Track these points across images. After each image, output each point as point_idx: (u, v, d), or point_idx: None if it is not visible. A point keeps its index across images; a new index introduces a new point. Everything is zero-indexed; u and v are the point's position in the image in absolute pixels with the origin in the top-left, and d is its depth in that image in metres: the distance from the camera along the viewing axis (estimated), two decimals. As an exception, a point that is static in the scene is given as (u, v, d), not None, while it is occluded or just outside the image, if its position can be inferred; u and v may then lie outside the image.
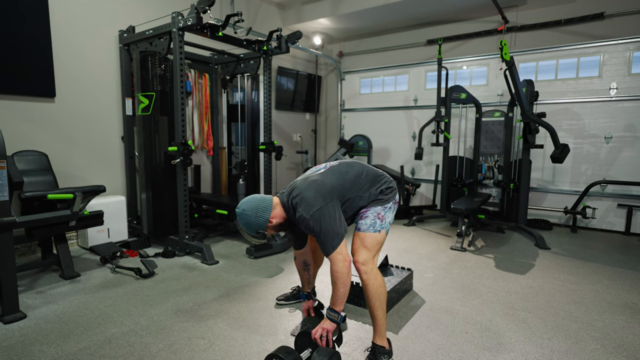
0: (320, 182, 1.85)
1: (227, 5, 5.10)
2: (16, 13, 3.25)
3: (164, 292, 2.74)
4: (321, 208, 1.76)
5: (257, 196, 1.93)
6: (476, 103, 5.03)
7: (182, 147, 3.36)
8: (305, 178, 1.93)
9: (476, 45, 5.58)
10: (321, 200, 1.78)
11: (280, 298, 2.61)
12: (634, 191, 4.55)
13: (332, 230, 1.75)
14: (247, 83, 4.71)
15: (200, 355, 1.95)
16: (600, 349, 2.07)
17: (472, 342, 2.12)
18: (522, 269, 3.30)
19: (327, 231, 1.75)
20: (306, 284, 2.37)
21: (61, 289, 2.76)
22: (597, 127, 4.72)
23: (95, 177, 3.91)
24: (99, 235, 3.67)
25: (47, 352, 1.97)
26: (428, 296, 2.72)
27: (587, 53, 4.74)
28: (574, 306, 2.59)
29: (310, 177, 1.91)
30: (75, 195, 2.79)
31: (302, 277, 2.37)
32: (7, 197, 2.23)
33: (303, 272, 2.35)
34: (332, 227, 1.76)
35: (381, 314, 1.89)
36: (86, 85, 3.81)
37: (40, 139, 3.51)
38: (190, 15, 3.21)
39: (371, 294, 1.87)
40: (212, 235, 4.27)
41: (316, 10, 5.73)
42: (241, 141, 4.90)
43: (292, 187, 1.92)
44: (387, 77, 6.44)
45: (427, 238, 4.32)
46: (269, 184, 4.52)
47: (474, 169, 5.15)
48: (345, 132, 6.88)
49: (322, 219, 1.75)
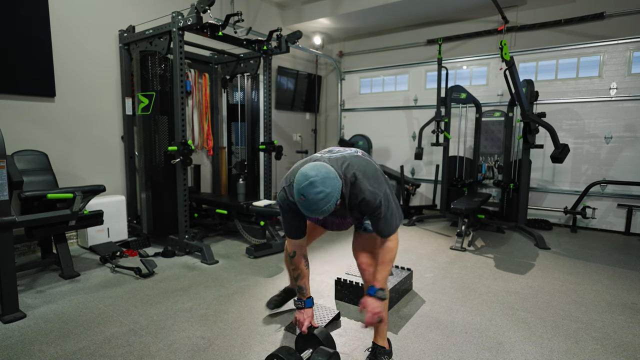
0: (372, 162, 1.79)
1: (227, 5, 5.10)
2: (16, 13, 3.25)
3: (164, 291, 2.74)
4: (387, 187, 1.72)
5: (324, 166, 1.56)
6: (476, 103, 5.03)
7: (182, 147, 3.36)
8: (354, 155, 1.74)
9: (476, 45, 5.58)
10: (383, 179, 1.74)
11: (271, 304, 2.35)
12: (634, 191, 4.55)
13: (398, 209, 1.74)
14: (247, 83, 4.71)
15: (200, 355, 1.95)
16: (600, 349, 2.07)
17: (472, 342, 2.12)
18: (522, 269, 3.30)
19: (394, 210, 1.71)
20: (309, 286, 1.96)
21: (61, 289, 2.76)
22: (597, 127, 4.72)
23: (95, 176, 3.91)
24: (98, 234, 3.67)
25: (47, 351, 1.97)
26: (428, 296, 2.72)
27: (587, 53, 4.74)
28: (573, 306, 2.59)
29: (358, 155, 1.76)
30: (75, 195, 2.79)
31: (304, 276, 1.91)
32: (6, 196, 2.23)
33: (305, 270, 1.91)
34: (398, 206, 1.75)
35: (384, 314, 1.81)
36: (86, 85, 3.81)
37: (40, 139, 3.51)
38: (190, 15, 3.21)
39: None
40: (212, 235, 4.27)
41: (316, 10, 5.73)
42: (241, 141, 4.90)
43: (342, 162, 1.67)
44: (387, 77, 6.43)
45: (427, 238, 4.32)
46: (269, 184, 4.53)
47: (474, 168, 5.15)
48: (345, 132, 6.88)
49: (392, 197, 1.72)
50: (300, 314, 1.90)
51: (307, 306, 1.90)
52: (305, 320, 1.87)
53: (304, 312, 1.89)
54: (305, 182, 1.49)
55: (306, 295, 1.92)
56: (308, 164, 1.61)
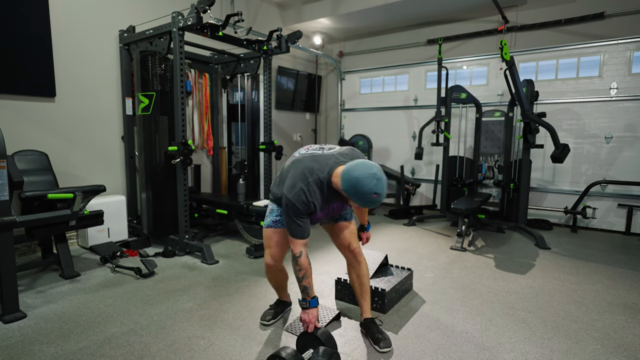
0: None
1: (227, 5, 5.10)
2: (17, 13, 3.25)
3: (164, 291, 2.74)
4: None
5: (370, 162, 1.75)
6: (476, 103, 5.03)
7: (182, 147, 3.36)
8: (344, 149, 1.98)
9: (476, 45, 5.58)
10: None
11: (267, 318, 2.28)
12: (634, 191, 4.55)
13: None
14: (247, 83, 4.71)
15: (200, 355, 1.95)
16: (600, 349, 2.07)
17: (472, 342, 2.12)
18: (522, 269, 3.30)
19: None
20: (313, 285, 1.95)
21: (61, 289, 2.76)
22: (598, 127, 4.72)
23: (96, 176, 3.91)
24: (99, 234, 3.67)
25: (47, 351, 1.97)
26: (428, 296, 2.72)
27: (587, 53, 4.74)
28: (574, 306, 2.59)
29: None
30: (75, 195, 2.79)
31: (309, 275, 1.89)
32: (7, 196, 2.23)
33: (310, 269, 1.90)
34: None
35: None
36: (86, 85, 3.81)
37: (41, 139, 3.51)
38: (191, 15, 3.21)
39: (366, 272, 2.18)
40: (212, 235, 4.27)
41: (316, 10, 5.73)
42: (241, 141, 4.90)
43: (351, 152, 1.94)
44: (387, 77, 6.43)
45: (427, 238, 4.32)
46: (269, 184, 4.53)
47: (474, 168, 5.15)
48: (345, 131, 6.88)
49: None
50: (306, 314, 1.88)
51: (312, 306, 1.88)
52: (312, 320, 1.86)
53: (309, 313, 1.87)
54: (374, 181, 1.62)
55: (311, 295, 1.90)
56: (358, 162, 1.71)
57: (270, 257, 2.08)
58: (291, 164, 1.94)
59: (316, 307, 1.90)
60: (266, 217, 2.09)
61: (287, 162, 2.01)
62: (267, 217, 2.09)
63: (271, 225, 2.06)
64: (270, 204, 2.09)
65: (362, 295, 2.18)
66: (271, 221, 2.06)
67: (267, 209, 2.11)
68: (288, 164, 1.97)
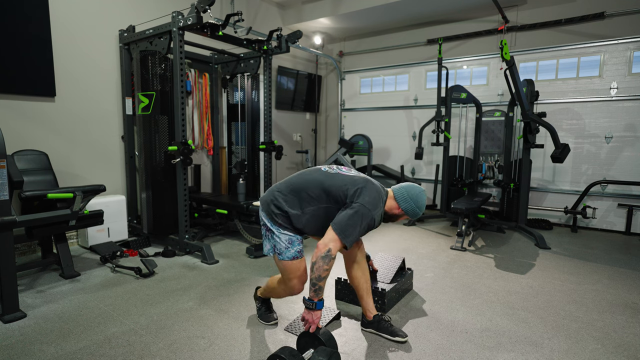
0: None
1: (227, 4, 5.10)
2: (17, 13, 3.25)
3: (164, 291, 2.74)
4: None
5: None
6: (476, 103, 5.02)
7: (182, 147, 3.36)
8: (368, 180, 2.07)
9: (476, 45, 5.57)
10: None
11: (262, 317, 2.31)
12: (634, 191, 4.55)
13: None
14: (247, 82, 4.71)
15: (200, 355, 1.95)
16: (600, 348, 2.07)
17: (472, 342, 2.12)
18: (522, 269, 3.30)
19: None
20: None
21: (61, 288, 2.76)
22: (598, 127, 4.72)
23: (96, 176, 3.91)
24: (99, 234, 3.67)
25: (47, 351, 1.97)
26: (428, 296, 2.72)
27: (588, 53, 4.73)
28: (574, 306, 2.59)
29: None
30: (75, 195, 2.79)
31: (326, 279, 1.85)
32: (7, 196, 2.23)
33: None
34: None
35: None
36: (86, 85, 3.81)
37: (41, 138, 3.51)
38: (191, 15, 3.21)
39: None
40: (212, 234, 4.27)
41: (316, 10, 5.73)
42: (241, 141, 4.90)
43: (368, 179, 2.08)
44: (387, 77, 6.43)
45: (427, 238, 4.32)
46: (269, 184, 4.53)
47: (474, 168, 5.14)
48: (345, 131, 6.88)
49: None
50: (309, 314, 1.84)
51: (318, 308, 1.84)
52: (315, 321, 1.84)
53: (313, 314, 1.84)
54: (423, 197, 2.07)
55: (320, 297, 1.85)
56: (407, 185, 2.09)
57: (301, 284, 2.05)
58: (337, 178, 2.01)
59: (321, 310, 1.88)
60: (287, 250, 1.97)
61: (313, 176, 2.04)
62: (287, 249, 1.97)
63: (297, 256, 1.98)
64: (285, 232, 1.98)
65: (367, 292, 2.20)
66: (296, 251, 1.98)
67: (283, 239, 1.97)
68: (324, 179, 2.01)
